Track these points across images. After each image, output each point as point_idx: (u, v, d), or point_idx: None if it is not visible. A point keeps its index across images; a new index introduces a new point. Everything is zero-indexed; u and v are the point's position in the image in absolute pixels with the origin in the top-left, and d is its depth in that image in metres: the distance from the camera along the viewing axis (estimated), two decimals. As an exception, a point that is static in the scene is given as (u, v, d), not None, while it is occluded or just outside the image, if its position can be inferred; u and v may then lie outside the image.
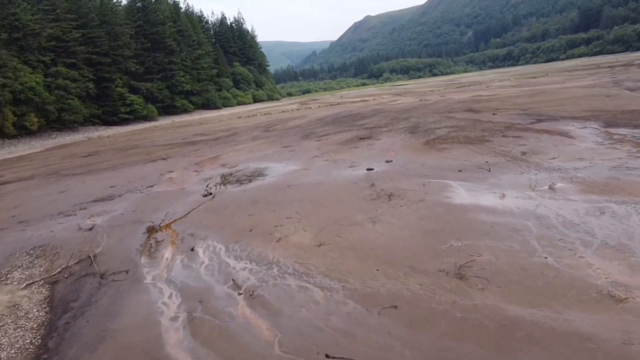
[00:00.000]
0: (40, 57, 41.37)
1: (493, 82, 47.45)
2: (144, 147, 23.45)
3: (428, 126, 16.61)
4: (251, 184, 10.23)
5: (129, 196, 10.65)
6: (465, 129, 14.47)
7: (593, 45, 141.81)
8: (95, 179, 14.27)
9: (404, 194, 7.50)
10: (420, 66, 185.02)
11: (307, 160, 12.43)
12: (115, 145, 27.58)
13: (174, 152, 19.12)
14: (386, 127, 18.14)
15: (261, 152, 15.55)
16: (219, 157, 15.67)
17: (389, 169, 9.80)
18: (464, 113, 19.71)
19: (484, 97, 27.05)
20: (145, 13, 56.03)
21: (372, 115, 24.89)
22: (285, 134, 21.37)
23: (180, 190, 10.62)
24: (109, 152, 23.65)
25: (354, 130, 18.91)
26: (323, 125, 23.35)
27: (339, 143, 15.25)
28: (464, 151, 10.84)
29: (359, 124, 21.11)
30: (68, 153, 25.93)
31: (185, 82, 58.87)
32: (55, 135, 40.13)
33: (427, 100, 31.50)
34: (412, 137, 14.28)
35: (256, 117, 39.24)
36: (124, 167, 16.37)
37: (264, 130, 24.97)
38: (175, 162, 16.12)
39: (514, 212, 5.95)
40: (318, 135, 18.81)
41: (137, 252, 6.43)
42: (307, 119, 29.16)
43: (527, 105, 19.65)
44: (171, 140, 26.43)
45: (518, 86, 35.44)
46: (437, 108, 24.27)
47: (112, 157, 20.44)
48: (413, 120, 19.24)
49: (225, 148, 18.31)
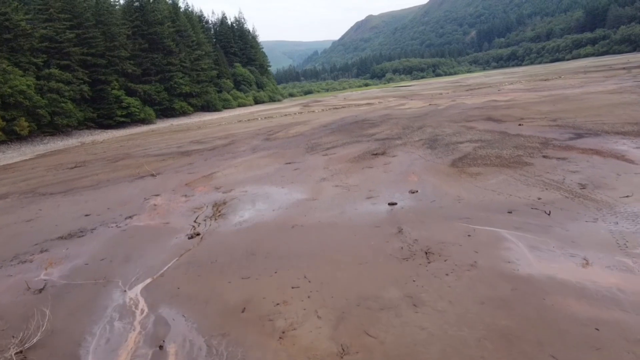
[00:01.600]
0: (32, 58, 39.63)
1: (504, 85, 45.55)
2: (134, 158, 21.71)
3: (448, 139, 14.80)
4: (247, 221, 8.45)
5: (102, 232, 8.88)
6: (493, 145, 12.66)
7: (599, 45, 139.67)
8: (73, 202, 12.52)
9: (446, 250, 5.72)
10: (423, 66, 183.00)
11: (315, 185, 10.64)
12: (106, 154, 25.84)
13: (165, 166, 17.36)
14: (400, 139, 16.34)
15: (261, 170, 13.77)
16: (213, 176, 13.89)
17: (416, 205, 8.01)
18: (485, 123, 17.90)
19: (501, 103, 25.22)
20: (143, 13, 54.25)
21: (381, 123, 23.09)
22: (287, 144, 19.60)
23: (162, 225, 8.84)
24: (98, 162, 21.91)
25: (363, 141, 17.12)
26: (328, 133, 21.57)
27: (349, 159, 13.46)
28: (503, 178, 9.04)
29: (369, 133, 19.32)
30: (55, 163, 24.20)
31: (184, 83, 57.07)
32: (47, 140, 38.41)
33: (438, 105, 29.67)
34: (433, 155, 12.48)
35: (257, 122, 37.48)
36: (108, 186, 14.62)
37: (264, 138, 23.21)
38: (165, 180, 14.36)
39: (619, 300, 4.15)
40: (324, 147, 17.03)
41: (87, 343, 4.65)
42: (311, 125, 27.39)
43: (554, 114, 17.82)
44: (165, 148, 24.69)
45: (533, 90, 33.58)
46: (452, 115, 22.46)
47: (99, 170, 18.70)
48: (429, 131, 17.43)
49: (221, 162, 16.54)
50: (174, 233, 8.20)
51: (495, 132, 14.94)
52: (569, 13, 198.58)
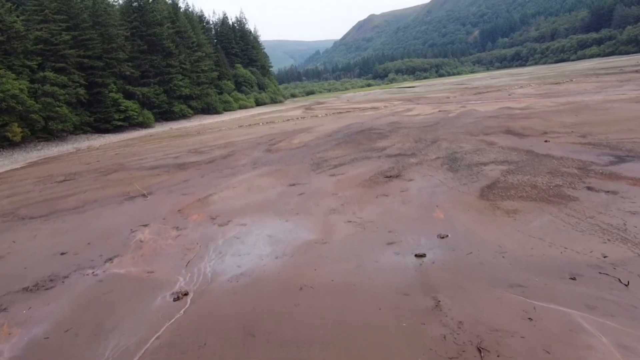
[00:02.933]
0: (26, 61, 38.33)
1: (514, 89, 44.06)
2: (128, 171, 20.37)
3: (469, 158, 13.42)
4: (245, 274, 7.07)
5: (75, 282, 7.53)
6: (523, 169, 11.27)
7: (605, 46, 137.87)
8: (52, 231, 11.19)
9: (505, 345, 4.34)
10: (426, 67, 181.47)
11: (324, 219, 9.28)
12: (99, 163, 24.51)
13: (158, 183, 16.01)
14: (414, 157, 14.96)
15: (262, 194, 12.41)
16: (209, 199, 12.53)
17: (449, 258, 6.63)
18: (506, 137, 16.50)
19: (517, 112, 23.80)
20: (142, 13, 52.90)
21: (390, 133, 21.70)
22: (290, 157, 18.24)
23: (146, 275, 7.48)
24: (89, 175, 20.58)
25: (373, 158, 15.75)
26: (334, 145, 20.20)
27: (360, 183, 12.09)
28: (549, 220, 7.65)
29: (378, 147, 17.94)
30: (45, 174, 22.88)
31: (184, 86, 55.76)
32: (41, 146, 37.13)
33: (448, 113, 28.25)
34: (456, 180, 11.09)
35: (258, 127, 36.14)
36: (94, 208, 13.28)
37: (266, 149, 21.85)
38: (157, 202, 13.02)
39: None
40: (331, 164, 15.67)
41: None
42: (315, 133, 26.03)
43: (580, 128, 16.41)
44: (161, 158, 23.38)
45: (547, 95, 32.12)
46: (466, 126, 21.05)
47: (88, 186, 17.37)
48: (445, 147, 16.04)
49: (219, 181, 15.18)
50: (158, 289, 6.84)
51: (521, 151, 13.53)
52: (573, 13, 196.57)
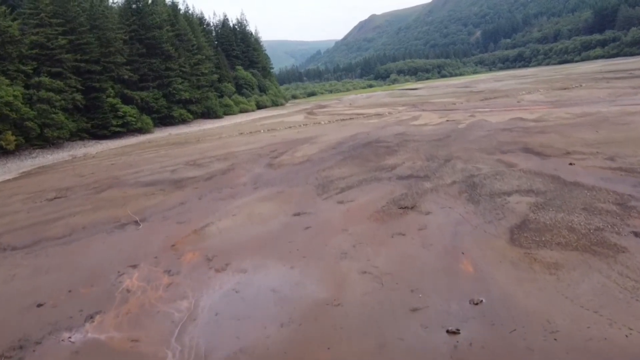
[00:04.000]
0: (21, 66, 37.26)
1: (522, 95, 42.89)
2: (122, 187, 19.32)
3: (489, 185, 12.32)
4: (246, 350, 5.98)
5: (46, 353, 6.48)
6: (553, 203, 10.17)
7: (609, 48, 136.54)
8: (33, 270, 10.14)
9: None
10: (428, 67, 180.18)
11: (334, 267, 8.20)
12: (94, 176, 23.45)
13: (153, 206, 14.95)
14: (428, 180, 13.87)
15: (264, 226, 11.33)
16: (205, 231, 11.46)
17: (490, 338, 5.54)
18: (525, 157, 15.40)
19: (531, 124, 22.69)
20: (141, 16, 51.79)
21: (398, 147, 20.61)
22: (294, 176, 17.17)
23: (129, 347, 6.40)
24: (82, 192, 19.54)
25: (383, 180, 14.67)
26: (340, 160, 19.12)
27: (371, 215, 11.00)
28: (599, 281, 6.56)
29: (387, 165, 16.85)
30: (36, 188, 21.81)
31: (184, 89, 54.65)
32: (36, 154, 36.08)
33: (457, 123, 27.14)
34: (479, 215, 10.00)
35: (259, 136, 35.08)
36: (82, 239, 12.23)
37: (267, 163, 20.79)
38: (149, 233, 11.96)
39: None
40: (337, 185, 14.59)
41: None
42: (318, 145, 24.96)
43: (605, 147, 15.30)
44: (158, 172, 22.31)
45: (560, 104, 30.98)
46: (479, 140, 19.96)
47: (79, 207, 16.33)
48: (460, 167, 14.95)
49: (217, 205, 14.11)
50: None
51: (546, 177, 12.43)
52: (576, 13, 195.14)
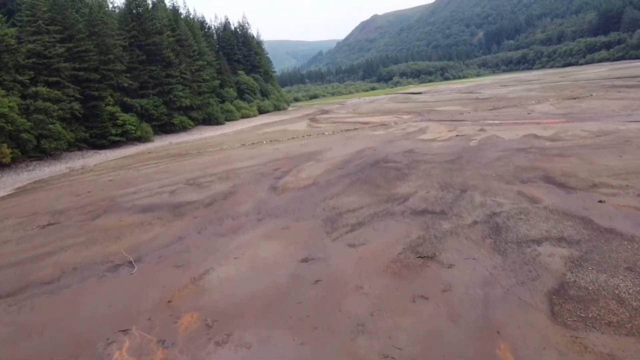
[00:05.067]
0: (18, 76, 36.36)
1: (531, 104, 41.77)
2: (119, 212, 18.35)
3: (514, 228, 11.27)
4: None
5: None
6: (590, 258, 9.12)
7: (615, 50, 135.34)
8: (15, 330, 9.13)
9: None
10: (431, 70, 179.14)
11: (350, 349, 7.17)
12: (90, 196, 22.48)
13: (149, 242, 13.94)
14: (445, 217, 12.83)
15: (269, 276, 10.31)
16: (205, 282, 10.44)
17: None
18: (547, 189, 14.34)
19: (547, 143, 21.61)
20: (141, 22, 50.83)
21: (408, 170, 19.56)
22: (299, 204, 16.17)
23: None
24: (76, 217, 18.57)
25: (396, 214, 13.63)
26: (347, 185, 18.11)
27: (388, 267, 9.97)
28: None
29: (399, 194, 15.81)
30: (29, 210, 20.85)
31: (185, 96, 53.69)
32: (32, 167, 35.18)
33: (467, 138, 26.08)
34: (510, 274, 8.95)
35: (261, 148, 34.10)
36: (71, 286, 11.22)
37: (270, 187, 19.78)
38: (143, 282, 10.96)
39: None
40: (347, 221, 13.56)
41: None
42: (324, 162, 23.96)
43: (635, 178, 14.21)
44: (156, 192, 21.35)
45: (573, 117, 29.89)
46: (494, 163, 18.91)
47: (72, 238, 15.34)
48: (478, 201, 13.90)
49: (218, 241, 13.10)
50: None
51: (576, 219, 11.38)
52: (580, 15, 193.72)
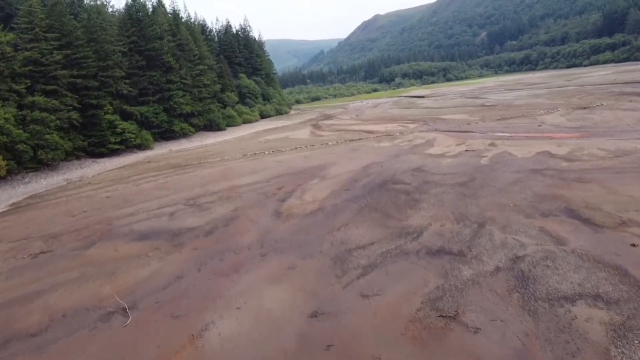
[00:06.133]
0: (14, 85, 35.46)
1: (540, 114, 40.72)
2: (114, 239, 17.45)
3: (543, 281, 10.30)
4: None
5: None
6: (635, 326, 8.19)
7: (619, 52, 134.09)
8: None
9: None
10: (433, 70, 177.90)
11: None
12: (86, 217, 21.59)
13: (145, 280, 13.03)
14: (464, 260, 11.88)
15: (276, 336, 9.36)
16: (204, 342, 9.48)
17: None
18: (573, 227, 13.35)
19: (564, 164, 20.63)
20: (140, 27, 49.89)
21: (419, 195, 18.60)
22: (305, 235, 15.25)
23: None
24: (70, 243, 17.70)
25: (411, 256, 12.67)
26: (356, 214, 17.17)
27: (408, 330, 9.02)
28: None
29: (412, 228, 14.86)
30: (22, 233, 19.91)
31: (185, 103, 52.74)
32: (29, 179, 34.26)
33: (478, 155, 25.08)
34: (544, 343, 7.99)
35: (263, 159, 33.17)
36: (59, 340, 10.31)
37: (274, 212, 18.85)
38: (138, 334, 10.05)
39: None
40: (359, 262, 12.62)
41: None
42: (329, 182, 23.02)
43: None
44: (155, 215, 20.46)
45: (585, 131, 28.87)
46: (510, 188, 17.93)
47: (64, 272, 14.44)
48: (498, 240, 12.93)
49: (218, 286, 12.16)
50: None
51: (610, 269, 10.43)
52: (584, 16, 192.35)
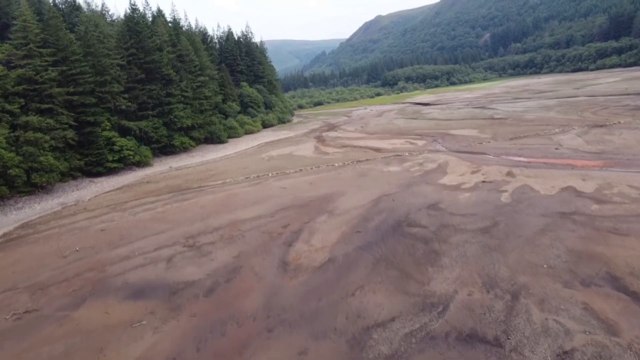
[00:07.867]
0: (6, 105, 33.95)
1: (556, 134, 39.00)
2: (106, 297, 15.93)
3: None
4: None
5: None
6: None
7: (626, 56, 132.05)
8: None
9: None
10: (437, 74, 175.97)
11: None
12: (78, 258, 20.09)
13: (134, 358, 11.53)
14: (502, 352, 10.33)
15: None
16: None
17: None
18: (620, 302, 11.78)
19: (594, 207, 19.01)
20: (140, 39, 48.33)
21: (439, 245, 17.03)
22: (316, 301, 13.71)
23: None
24: (58, 299, 16.22)
25: (439, 342, 11.12)
26: (371, 271, 15.63)
27: None
28: None
29: (436, 297, 13.29)
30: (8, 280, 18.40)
31: (186, 116, 51.17)
32: (22, 204, 32.73)
33: (496, 187, 23.46)
34: None
35: (267, 185, 31.58)
36: None
37: (281, 262, 17.32)
38: None
39: None
40: (380, 349, 11.09)
41: None
42: (339, 219, 21.48)
43: None
44: (151, 259, 18.94)
45: (609, 159, 27.19)
46: (538, 241, 16.33)
47: (49, 345, 12.94)
48: (538, 321, 11.34)
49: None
50: None
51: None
52: (589, 18, 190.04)
